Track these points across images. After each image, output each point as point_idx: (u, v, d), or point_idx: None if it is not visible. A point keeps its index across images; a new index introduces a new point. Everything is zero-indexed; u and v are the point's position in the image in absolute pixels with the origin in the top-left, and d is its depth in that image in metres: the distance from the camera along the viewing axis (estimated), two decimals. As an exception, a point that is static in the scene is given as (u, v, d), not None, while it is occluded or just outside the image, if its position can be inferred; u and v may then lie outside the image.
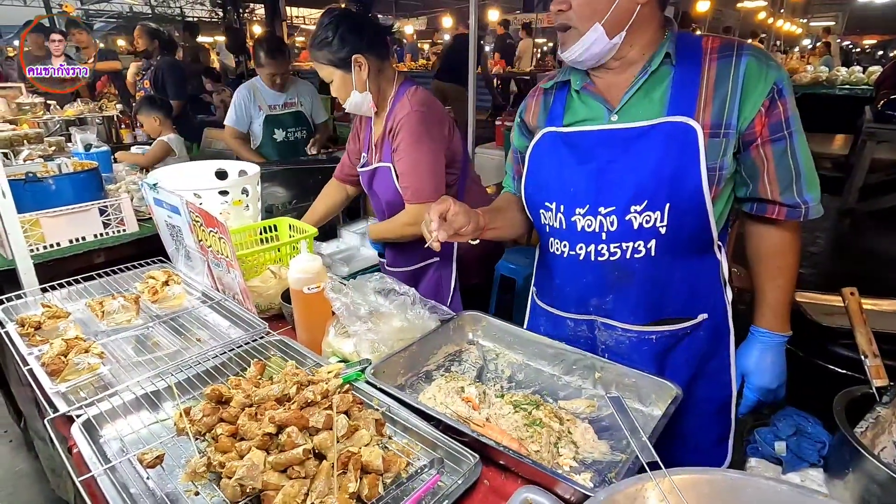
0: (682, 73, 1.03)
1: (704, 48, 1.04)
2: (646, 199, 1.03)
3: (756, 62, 1.00)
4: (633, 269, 1.10)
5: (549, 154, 1.17)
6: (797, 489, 0.67)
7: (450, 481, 0.84)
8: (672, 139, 1.01)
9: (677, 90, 1.02)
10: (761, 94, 0.99)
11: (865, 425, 0.96)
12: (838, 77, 7.06)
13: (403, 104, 1.65)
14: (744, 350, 1.20)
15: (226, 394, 0.96)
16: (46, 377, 1.08)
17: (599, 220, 1.09)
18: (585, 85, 1.13)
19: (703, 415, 1.22)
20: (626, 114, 1.07)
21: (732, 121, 1.00)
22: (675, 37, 1.05)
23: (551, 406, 1.07)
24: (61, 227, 1.86)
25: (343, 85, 1.63)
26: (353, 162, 1.92)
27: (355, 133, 1.90)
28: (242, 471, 0.76)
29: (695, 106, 1.01)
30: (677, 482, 0.66)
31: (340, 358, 1.21)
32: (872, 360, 1.02)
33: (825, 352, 1.56)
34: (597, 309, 1.20)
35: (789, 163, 1.03)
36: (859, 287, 1.11)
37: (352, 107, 1.68)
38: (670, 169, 1.01)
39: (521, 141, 1.30)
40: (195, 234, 1.44)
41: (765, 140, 1.02)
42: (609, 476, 0.90)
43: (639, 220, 1.05)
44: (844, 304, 1.09)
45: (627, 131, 1.06)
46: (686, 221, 1.05)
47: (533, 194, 1.22)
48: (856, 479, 0.88)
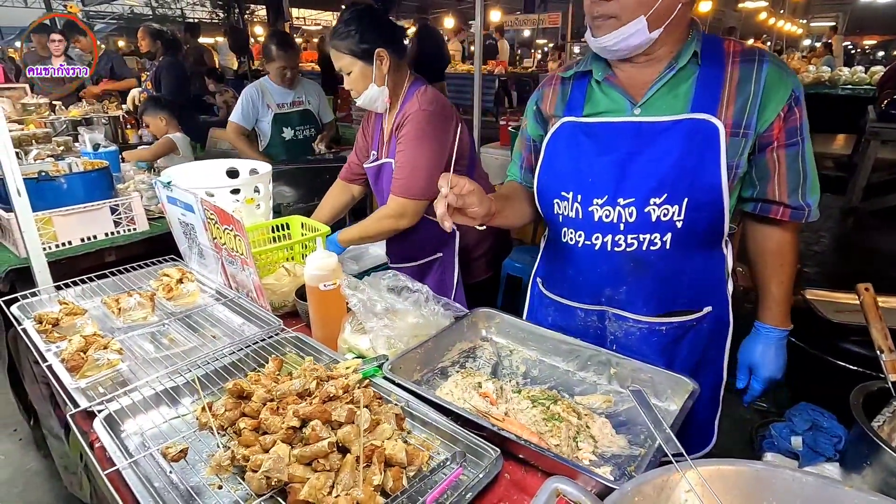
0: (707, 72, 1.05)
1: (727, 51, 1.06)
2: (666, 192, 1.05)
3: (777, 69, 1.03)
4: (649, 261, 1.12)
5: (567, 143, 1.17)
6: (823, 480, 0.67)
7: (471, 475, 0.85)
8: (694, 135, 1.03)
9: (701, 88, 1.04)
10: (781, 100, 1.03)
11: (882, 419, 0.96)
12: (840, 77, 7.07)
13: (413, 102, 1.66)
14: (750, 345, 1.24)
15: (247, 389, 0.97)
16: (66, 373, 1.09)
17: (618, 210, 1.10)
18: (608, 76, 1.13)
19: (698, 399, 1.25)
20: (649, 108, 1.08)
21: (752, 122, 1.03)
22: (700, 37, 1.07)
23: (568, 401, 1.07)
24: (73, 225, 1.87)
25: (362, 77, 1.63)
26: (360, 159, 1.92)
27: (363, 131, 1.91)
28: (269, 463, 0.77)
29: (717, 104, 1.03)
30: (704, 473, 0.67)
31: (357, 354, 1.22)
32: (889, 354, 1.02)
33: (836, 348, 1.57)
34: (609, 300, 1.21)
35: (799, 167, 1.08)
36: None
37: (367, 101, 1.67)
38: (692, 164, 1.03)
39: (536, 129, 1.29)
40: (209, 231, 1.44)
41: (780, 144, 1.06)
42: (629, 470, 0.91)
43: (657, 213, 1.07)
44: (859, 300, 1.09)
45: (652, 125, 1.07)
46: (702, 216, 1.07)
47: (548, 183, 1.22)
48: (874, 473, 0.89)
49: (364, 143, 1.90)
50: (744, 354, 1.25)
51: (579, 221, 1.16)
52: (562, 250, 1.25)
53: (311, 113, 3.12)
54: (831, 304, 1.69)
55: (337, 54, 1.62)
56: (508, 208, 1.25)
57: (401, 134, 1.65)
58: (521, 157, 1.37)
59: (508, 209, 1.25)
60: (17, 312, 1.37)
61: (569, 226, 1.19)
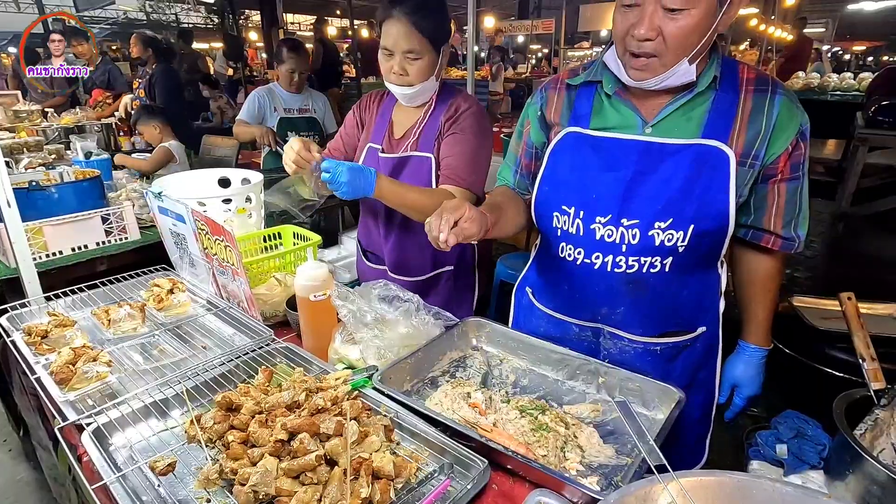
0: (722, 97, 1.03)
1: (741, 77, 1.05)
2: (671, 216, 1.04)
3: (789, 102, 1.03)
4: (648, 283, 1.12)
5: (571, 155, 1.14)
6: (802, 490, 0.68)
7: (459, 486, 0.85)
8: (704, 161, 1.02)
9: (715, 114, 1.03)
10: (790, 135, 1.03)
11: (864, 427, 0.98)
12: (830, 83, 7.15)
13: (462, 98, 1.59)
14: (734, 363, 1.27)
15: (236, 401, 0.97)
16: (55, 386, 1.08)
17: (621, 231, 1.08)
18: (618, 91, 1.09)
19: (688, 419, 1.27)
20: (660, 129, 1.06)
21: (761, 154, 1.03)
22: (720, 59, 1.04)
23: (556, 411, 1.08)
24: (64, 235, 1.87)
25: (429, 67, 1.49)
26: (346, 148, 1.77)
27: (357, 119, 1.76)
28: (256, 477, 0.77)
29: (730, 132, 1.02)
30: (686, 484, 0.68)
31: (347, 364, 1.22)
32: (870, 363, 1.04)
33: (822, 355, 1.59)
34: (605, 318, 1.21)
35: (796, 200, 1.09)
36: (854, 290, 1.15)
37: (417, 93, 1.53)
38: (700, 190, 1.03)
39: (540, 136, 1.24)
40: (200, 242, 1.45)
41: (784, 177, 1.06)
42: (615, 479, 0.92)
43: (661, 237, 1.06)
44: (842, 309, 1.11)
45: (662, 146, 1.04)
46: (705, 242, 1.08)
47: (549, 195, 1.19)
48: (856, 481, 0.90)
49: (355, 131, 1.76)
50: (728, 372, 1.27)
51: (580, 238, 1.14)
52: (558, 265, 1.22)
53: (316, 121, 3.17)
54: (817, 311, 1.71)
55: (411, 33, 1.42)
56: (502, 219, 1.20)
57: (458, 127, 1.55)
58: (517, 161, 1.32)
59: (502, 220, 1.20)
60: (5, 324, 1.36)
61: (568, 241, 1.17)
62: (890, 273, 4.03)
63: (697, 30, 0.93)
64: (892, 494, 0.82)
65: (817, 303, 1.76)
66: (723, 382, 1.28)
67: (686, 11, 0.91)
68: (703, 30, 0.93)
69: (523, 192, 1.32)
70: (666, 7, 0.91)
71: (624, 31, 0.97)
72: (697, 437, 1.32)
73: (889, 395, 1.01)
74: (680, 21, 0.91)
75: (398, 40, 1.44)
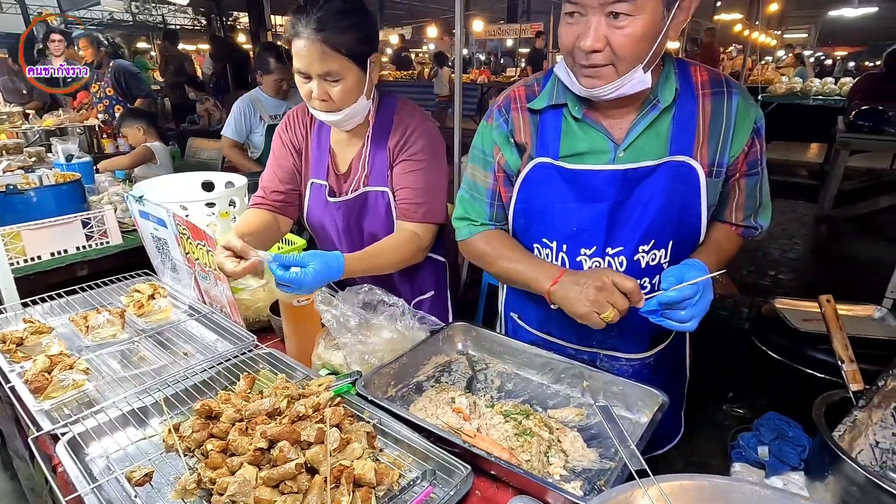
0: (682, 108, 1.01)
1: (696, 81, 1.03)
2: (653, 238, 1.06)
3: (743, 100, 1.02)
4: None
5: (545, 187, 1.09)
6: (780, 493, 0.69)
7: (442, 493, 0.85)
8: (676, 179, 1.02)
9: (678, 127, 1.01)
10: (746, 133, 1.03)
11: (843, 429, 0.99)
12: (812, 88, 7.29)
13: (408, 115, 1.41)
14: (675, 268, 0.96)
15: (215, 409, 0.96)
16: (30, 395, 1.06)
17: (608, 260, 1.08)
18: (586, 112, 1.04)
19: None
20: (633, 150, 1.02)
21: (724, 160, 1.04)
22: (676, 68, 1.02)
23: (541, 415, 1.08)
24: (43, 239, 1.83)
25: (356, 87, 1.28)
26: (284, 185, 1.49)
27: (289, 150, 1.49)
28: (234, 487, 0.76)
29: (693, 144, 1.02)
30: (666, 489, 0.68)
31: (330, 370, 1.21)
32: (849, 365, 1.06)
33: (804, 357, 1.61)
34: (600, 342, 1.22)
35: (756, 195, 1.11)
36: (837, 292, 1.17)
37: (350, 117, 1.34)
38: (676, 209, 1.04)
39: (517, 161, 1.13)
40: (182, 246, 1.43)
41: (742, 174, 1.08)
42: (598, 484, 0.92)
43: (645, 259, 1.08)
44: (821, 311, 1.12)
45: (636, 171, 1.02)
46: (684, 253, 1.09)
47: (525, 228, 1.14)
48: (836, 482, 0.91)
49: (289, 160, 1.49)
50: (675, 270, 0.95)
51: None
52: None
53: None
54: (798, 312, 1.73)
55: (325, 53, 1.21)
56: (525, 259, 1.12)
57: (409, 153, 1.39)
58: (490, 194, 1.19)
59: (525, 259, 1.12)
60: (-20, 331, 1.33)
61: None
62: (870, 274, 4.11)
63: (646, 37, 0.89)
64: (870, 495, 0.83)
65: (799, 305, 1.78)
66: (665, 276, 0.96)
67: (631, 18, 0.87)
68: (651, 36, 0.90)
69: (501, 224, 1.22)
70: (609, 16, 0.88)
71: (570, 44, 0.93)
72: (671, 413, 1.31)
73: (867, 397, 1.02)
74: (626, 29, 0.88)
75: (311, 62, 1.22)
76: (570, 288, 0.98)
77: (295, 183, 1.51)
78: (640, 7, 0.86)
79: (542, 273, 1.06)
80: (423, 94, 9.95)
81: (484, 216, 1.21)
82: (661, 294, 0.93)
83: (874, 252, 4.67)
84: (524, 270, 1.11)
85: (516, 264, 1.13)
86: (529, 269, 1.10)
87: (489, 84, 10.10)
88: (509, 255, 1.15)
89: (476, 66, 13.19)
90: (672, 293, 0.91)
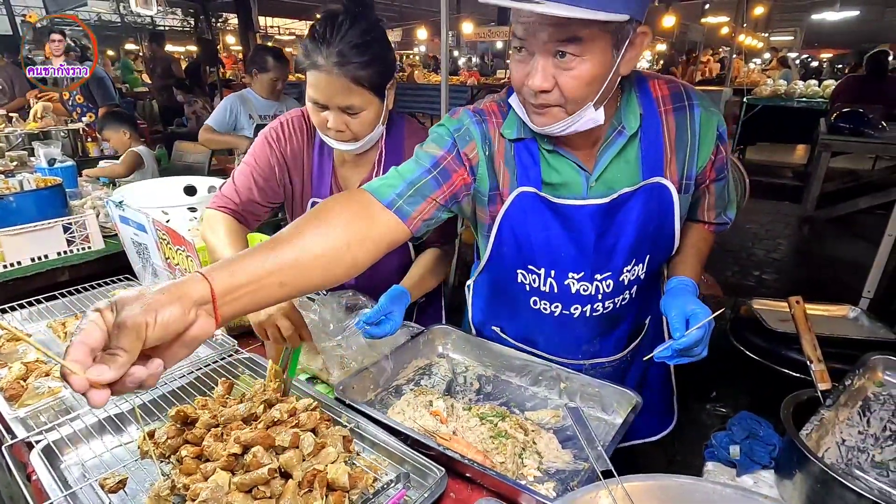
0: (647, 130, 1.01)
1: (656, 97, 1.01)
2: (634, 257, 1.09)
3: (705, 112, 1.02)
4: (620, 315, 1.18)
5: (532, 217, 1.06)
6: (742, 492, 0.71)
7: (416, 495, 0.86)
8: (650, 199, 1.04)
9: (647, 150, 1.01)
10: (710, 143, 1.04)
11: (811, 427, 1.01)
12: (796, 90, 7.39)
13: (418, 140, 1.28)
14: (680, 298, 1.03)
15: (191, 414, 0.96)
16: (4, 402, 1.05)
17: (595, 284, 1.10)
18: (556, 143, 1.01)
19: (652, 388, 1.36)
20: (605, 180, 1.02)
21: (692, 172, 1.06)
22: (637, 90, 1.00)
23: (517, 417, 1.09)
24: (23, 245, 1.82)
25: (375, 118, 1.25)
26: (265, 201, 1.39)
27: (279, 161, 1.37)
28: (206, 493, 0.76)
29: (662, 163, 1.03)
30: (630, 489, 0.69)
31: (310, 374, 1.22)
32: (817, 364, 1.08)
33: (780, 356, 1.64)
34: (585, 353, 1.25)
35: (725, 194, 1.17)
36: (819, 292, 1.20)
37: (365, 146, 1.30)
38: (652, 227, 1.07)
39: (486, 181, 1.06)
40: (162, 251, 1.43)
41: (711, 180, 1.11)
42: (572, 484, 0.93)
43: (628, 277, 1.11)
44: (791, 312, 1.15)
45: (614, 202, 1.03)
46: (659, 263, 1.15)
47: (511, 255, 1.12)
48: (803, 480, 0.93)
49: (273, 173, 1.38)
50: (678, 307, 1.00)
51: (555, 295, 1.13)
52: (531, 315, 1.19)
53: None
54: (775, 313, 1.76)
55: (349, 87, 1.15)
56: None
57: None
58: (422, 173, 0.98)
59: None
60: (-44, 338, 1.32)
61: (542, 297, 1.15)
62: (851, 274, 4.18)
63: (594, 79, 0.86)
64: (835, 494, 0.85)
65: (775, 305, 1.81)
66: (673, 320, 0.99)
67: (578, 59, 0.83)
68: (600, 77, 0.86)
69: (402, 218, 0.95)
70: (556, 56, 0.84)
71: (520, 81, 0.90)
72: (664, 402, 1.39)
73: (834, 395, 1.05)
74: (573, 71, 0.84)
75: (332, 96, 1.17)
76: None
77: (274, 197, 1.41)
78: (587, 49, 0.83)
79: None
80: (415, 97, 9.88)
81: (387, 195, 0.94)
82: (674, 343, 0.95)
83: (854, 252, 4.75)
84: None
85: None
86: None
87: (479, 86, 10.13)
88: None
89: (466, 67, 13.23)
90: (685, 340, 0.94)
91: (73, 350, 0.54)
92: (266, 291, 0.70)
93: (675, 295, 1.05)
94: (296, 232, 0.78)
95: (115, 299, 0.58)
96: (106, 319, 0.56)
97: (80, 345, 0.54)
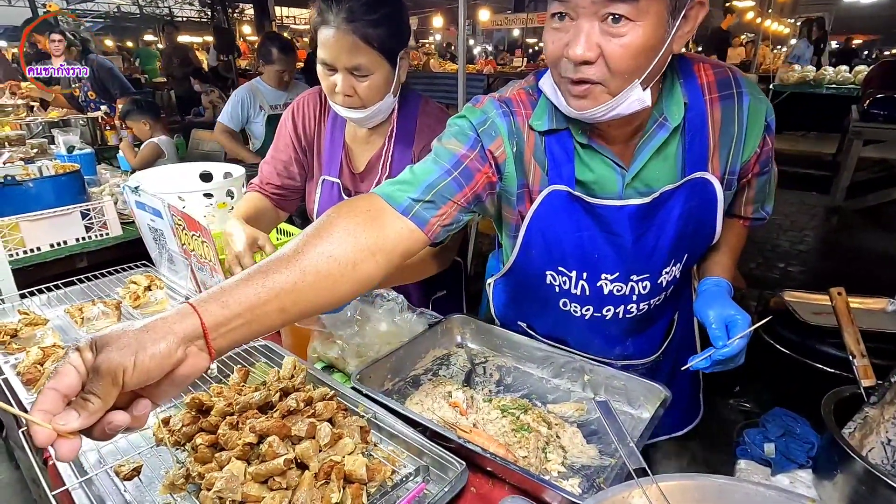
0: (692, 122, 0.92)
1: (701, 84, 0.92)
2: (673, 258, 1.04)
3: (754, 100, 0.93)
4: (654, 315, 1.13)
5: (562, 216, 0.99)
6: (784, 493, 0.66)
7: (436, 489, 0.83)
8: (692, 196, 0.96)
9: (691, 144, 0.93)
10: (758, 135, 0.96)
11: (854, 426, 0.95)
12: (825, 76, 7.12)
13: (433, 118, 1.35)
14: (719, 301, 0.99)
15: (206, 402, 0.94)
16: (22, 387, 1.05)
17: (631, 285, 1.04)
18: (591, 136, 0.93)
19: (680, 383, 1.28)
20: (642, 177, 0.94)
21: (736, 167, 0.98)
22: (681, 76, 0.91)
23: (539, 410, 1.05)
24: (42, 231, 1.82)
25: (384, 84, 1.23)
26: (282, 178, 1.46)
27: (295, 141, 1.43)
28: (221, 483, 0.74)
29: (707, 157, 0.94)
30: (665, 488, 0.65)
31: (326, 363, 1.19)
32: (860, 360, 1.02)
33: (814, 351, 1.57)
34: (618, 356, 1.21)
35: (766, 188, 1.08)
36: (848, 285, 1.13)
37: (374, 115, 1.27)
38: (693, 226, 1.00)
39: (514, 178, 0.99)
40: (178, 237, 1.41)
41: (755, 174, 1.04)
42: (597, 481, 0.89)
43: (666, 278, 1.06)
44: (832, 304, 1.08)
45: (654, 201, 0.95)
46: (696, 259, 1.10)
47: (540, 257, 1.05)
48: (844, 481, 0.88)
49: (293, 160, 1.44)
50: (716, 313, 0.96)
51: (586, 297, 1.07)
52: (559, 315, 1.13)
53: None
54: (808, 305, 1.69)
55: (356, 45, 1.14)
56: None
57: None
58: (442, 174, 0.90)
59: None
60: (-24, 323, 1.33)
61: (571, 300, 1.09)
62: (882, 267, 4.03)
63: (646, 49, 0.75)
64: (880, 494, 0.80)
65: (809, 298, 1.73)
66: (714, 326, 0.95)
67: (632, 25, 0.73)
68: (652, 48, 0.76)
69: (419, 225, 0.88)
70: (606, 20, 0.74)
71: (557, 53, 0.79)
72: (690, 397, 1.34)
73: (879, 393, 0.99)
74: (625, 38, 0.74)
75: (339, 54, 1.15)
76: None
77: (294, 178, 1.47)
78: (643, 11, 0.72)
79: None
80: (431, 85, 9.82)
81: (401, 202, 0.87)
82: (716, 353, 0.92)
83: (886, 244, 4.58)
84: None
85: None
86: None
87: (495, 75, 9.99)
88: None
89: (483, 56, 13.06)
90: (727, 350, 0.91)
91: (42, 398, 0.50)
92: (264, 320, 0.66)
93: (711, 298, 0.99)
94: (295, 251, 0.72)
95: (97, 337, 0.54)
96: (85, 359, 0.53)
97: (50, 391, 0.50)
